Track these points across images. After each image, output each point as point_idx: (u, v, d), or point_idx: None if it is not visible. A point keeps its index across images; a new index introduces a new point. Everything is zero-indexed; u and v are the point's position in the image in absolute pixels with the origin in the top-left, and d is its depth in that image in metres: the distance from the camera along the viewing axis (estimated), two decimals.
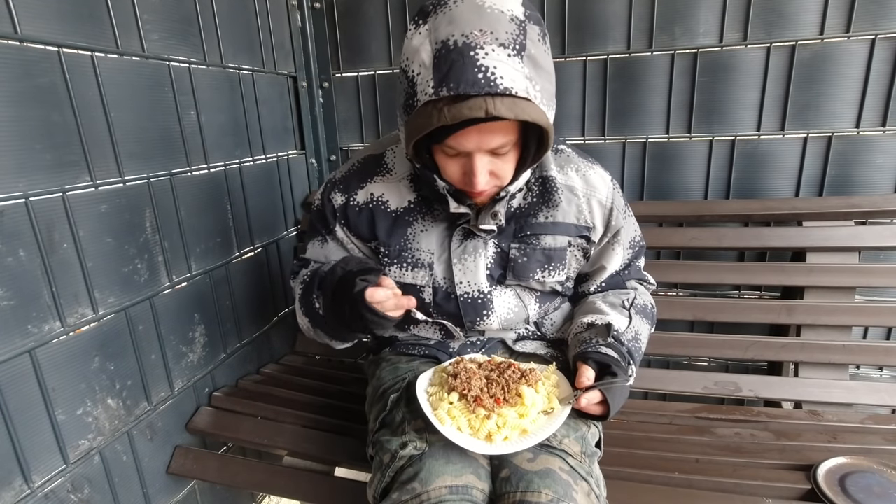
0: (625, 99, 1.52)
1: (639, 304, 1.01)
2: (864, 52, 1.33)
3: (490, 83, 0.67)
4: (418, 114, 0.73)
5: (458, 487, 0.76)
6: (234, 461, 1.27)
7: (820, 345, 1.32)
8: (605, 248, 1.00)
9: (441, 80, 0.69)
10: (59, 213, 0.95)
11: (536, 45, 0.72)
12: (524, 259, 0.95)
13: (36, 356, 0.93)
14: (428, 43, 0.71)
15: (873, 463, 0.99)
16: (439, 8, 0.73)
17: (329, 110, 1.78)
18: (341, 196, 0.97)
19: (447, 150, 0.78)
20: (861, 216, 1.35)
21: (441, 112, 0.69)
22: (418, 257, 0.95)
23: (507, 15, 0.70)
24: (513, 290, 0.99)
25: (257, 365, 1.57)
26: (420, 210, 0.95)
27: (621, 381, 0.85)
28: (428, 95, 0.70)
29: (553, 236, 0.95)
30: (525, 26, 0.71)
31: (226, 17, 1.34)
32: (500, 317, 0.99)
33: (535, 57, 0.72)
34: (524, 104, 0.70)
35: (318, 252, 1.04)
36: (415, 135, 0.74)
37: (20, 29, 0.87)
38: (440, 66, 0.69)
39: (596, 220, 0.96)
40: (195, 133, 1.26)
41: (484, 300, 0.97)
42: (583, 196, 0.94)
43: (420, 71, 0.72)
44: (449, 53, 0.69)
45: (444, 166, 0.81)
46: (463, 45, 0.69)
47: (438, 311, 0.99)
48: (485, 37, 0.69)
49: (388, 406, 0.93)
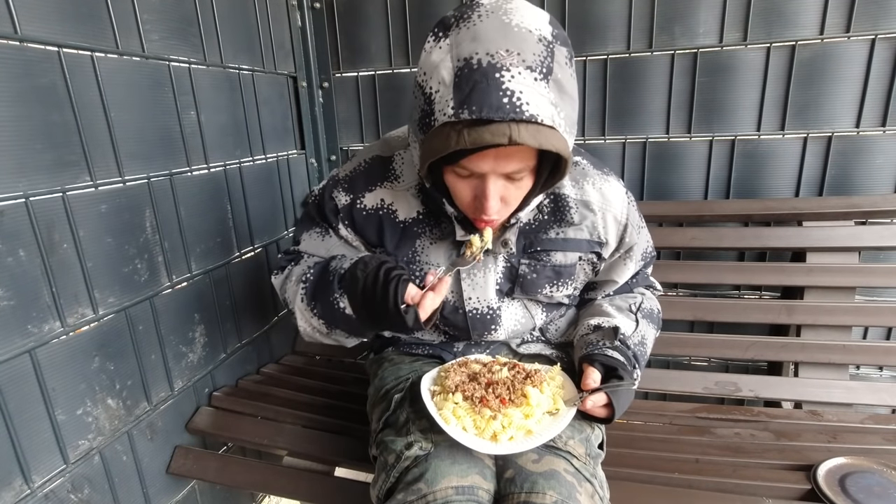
0: (625, 99, 1.52)
1: (646, 308, 1.00)
2: (864, 52, 1.33)
3: (515, 109, 0.63)
4: (434, 134, 0.69)
5: (464, 488, 0.76)
6: (234, 461, 1.26)
7: (820, 345, 1.33)
8: (617, 263, 0.99)
9: (462, 101, 0.65)
10: (59, 213, 0.95)
11: (563, 69, 0.68)
12: (533, 275, 0.93)
13: (36, 356, 0.92)
14: (449, 59, 0.67)
15: (873, 463, 0.99)
16: (462, 22, 0.68)
17: (329, 110, 1.78)
18: (345, 196, 0.94)
19: (460, 171, 0.74)
20: (861, 216, 1.35)
21: (461, 135, 0.65)
22: (426, 270, 0.93)
23: (535, 35, 0.66)
24: (520, 302, 0.98)
25: (257, 365, 1.56)
26: (428, 222, 0.92)
27: (627, 384, 0.85)
28: (447, 116, 0.66)
29: (564, 253, 0.92)
30: (553, 48, 0.67)
31: (226, 17, 1.33)
32: (508, 329, 0.98)
33: (561, 82, 0.68)
34: (548, 132, 0.66)
35: (316, 245, 0.98)
36: (430, 156, 0.70)
37: (20, 29, 0.86)
38: (461, 87, 0.65)
39: (609, 236, 0.93)
40: (195, 133, 1.26)
41: (493, 315, 0.96)
42: (598, 210, 0.90)
43: (439, 88, 0.68)
44: (472, 73, 0.65)
45: (455, 188, 0.77)
46: (488, 66, 0.64)
47: (445, 323, 0.98)
48: (511, 58, 0.64)
49: (392, 406, 0.92)
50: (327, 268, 0.90)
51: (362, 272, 0.83)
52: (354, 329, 0.89)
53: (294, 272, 0.96)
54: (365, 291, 0.81)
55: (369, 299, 0.81)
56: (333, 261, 0.91)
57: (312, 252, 0.99)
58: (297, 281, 0.93)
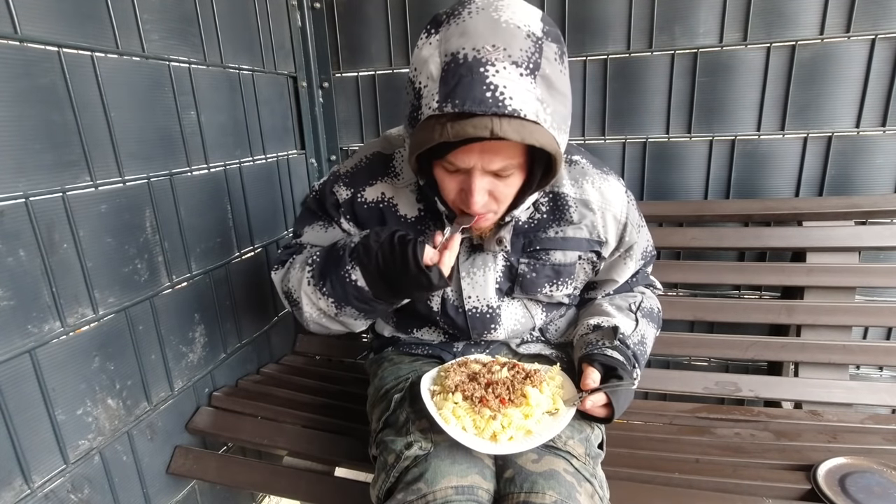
0: (625, 99, 1.52)
1: (645, 307, 1.00)
2: (864, 52, 1.33)
3: (498, 103, 0.64)
4: (421, 127, 0.70)
5: (464, 487, 0.76)
6: (234, 461, 1.26)
7: (820, 345, 1.33)
8: (617, 262, 0.99)
9: (447, 94, 0.66)
10: (59, 213, 0.95)
11: (552, 65, 0.69)
12: (533, 274, 0.94)
13: (36, 356, 0.92)
14: (437, 55, 0.68)
15: (873, 463, 0.99)
16: (452, 18, 0.70)
17: (329, 110, 1.78)
18: (346, 190, 0.94)
19: (447, 165, 0.75)
20: (861, 216, 1.35)
21: (444, 128, 0.66)
22: None
23: (523, 31, 0.67)
24: (520, 302, 0.98)
25: (257, 365, 1.56)
26: (426, 222, 0.93)
27: (626, 384, 0.85)
28: (432, 110, 0.68)
29: (563, 252, 0.93)
30: (542, 44, 0.68)
31: (226, 17, 1.33)
32: (507, 328, 0.99)
33: (549, 77, 0.68)
34: (532, 127, 0.67)
35: (319, 236, 0.99)
36: (417, 149, 0.71)
37: (20, 29, 0.86)
38: (447, 80, 0.66)
39: (609, 235, 0.93)
40: (195, 133, 1.26)
41: (492, 314, 0.96)
42: (598, 210, 0.91)
43: (427, 83, 0.69)
44: (458, 68, 0.66)
45: (443, 183, 0.79)
46: (473, 60, 0.65)
47: (445, 321, 0.99)
48: (497, 53, 0.65)
49: (392, 406, 0.92)
50: (335, 245, 0.90)
51: (375, 241, 0.82)
52: (366, 304, 0.87)
53: (297, 260, 0.96)
54: (383, 258, 0.81)
55: (388, 265, 0.81)
56: (339, 241, 0.91)
57: (315, 243, 1.00)
58: (302, 265, 0.93)
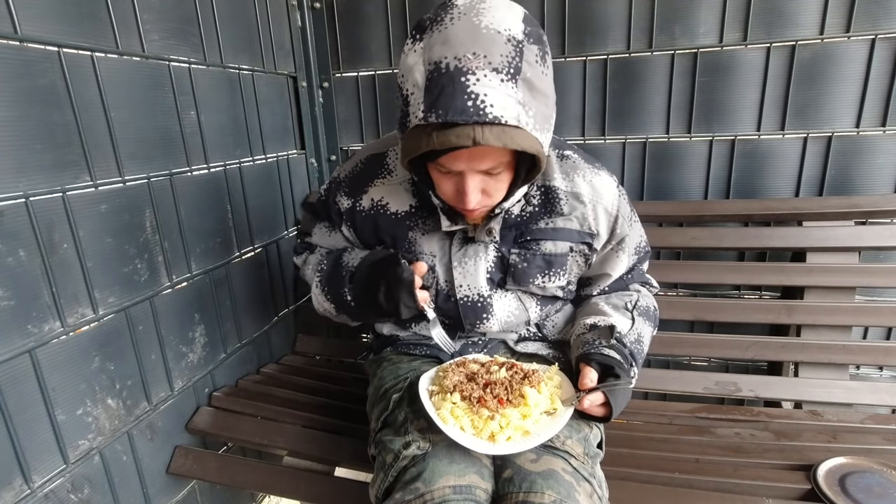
0: (625, 99, 1.52)
1: (641, 306, 1.00)
2: (864, 52, 1.33)
3: (479, 111, 0.66)
4: (409, 136, 0.73)
5: (462, 487, 0.76)
6: (234, 461, 1.26)
7: (820, 345, 1.32)
8: (609, 255, 0.99)
9: (431, 104, 0.68)
10: (59, 213, 0.95)
11: (533, 68, 0.70)
12: (524, 265, 0.95)
13: (36, 356, 0.93)
14: (421, 63, 0.70)
15: (873, 463, 0.99)
16: (435, 25, 0.71)
17: (329, 110, 1.78)
18: (348, 199, 0.98)
19: (440, 167, 0.78)
20: (861, 216, 1.35)
21: (430, 137, 0.69)
22: (420, 259, 0.96)
23: (503, 36, 0.68)
24: (514, 294, 0.99)
25: (257, 365, 1.56)
26: (421, 214, 0.95)
27: (624, 383, 0.85)
28: (418, 119, 0.70)
29: (554, 242, 0.94)
30: (522, 47, 0.69)
31: (226, 17, 1.34)
32: (501, 320, 0.99)
33: (530, 80, 0.70)
34: (514, 132, 0.68)
35: (325, 239, 1.09)
36: (407, 155, 0.74)
37: (20, 29, 0.86)
38: (431, 90, 0.68)
39: (600, 228, 0.94)
40: (195, 133, 1.26)
41: (484, 303, 0.97)
42: (588, 202, 0.92)
43: (413, 91, 0.71)
44: (440, 77, 0.68)
45: (438, 183, 0.82)
46: (454, 70, 0.67)
47: (439, 312, 1.00)
48: (477, 61, 0.67)
49: (391, 406, 0.93)
50: (339, 262, 1.01)
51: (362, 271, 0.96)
52: (358, 318, 1.05)
53: (310, 260, 1.10)
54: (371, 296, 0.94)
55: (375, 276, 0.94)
56: (344, 254, 1.02)
57: (323, 244, 1.10)
58: (314, 270, 1.06)
